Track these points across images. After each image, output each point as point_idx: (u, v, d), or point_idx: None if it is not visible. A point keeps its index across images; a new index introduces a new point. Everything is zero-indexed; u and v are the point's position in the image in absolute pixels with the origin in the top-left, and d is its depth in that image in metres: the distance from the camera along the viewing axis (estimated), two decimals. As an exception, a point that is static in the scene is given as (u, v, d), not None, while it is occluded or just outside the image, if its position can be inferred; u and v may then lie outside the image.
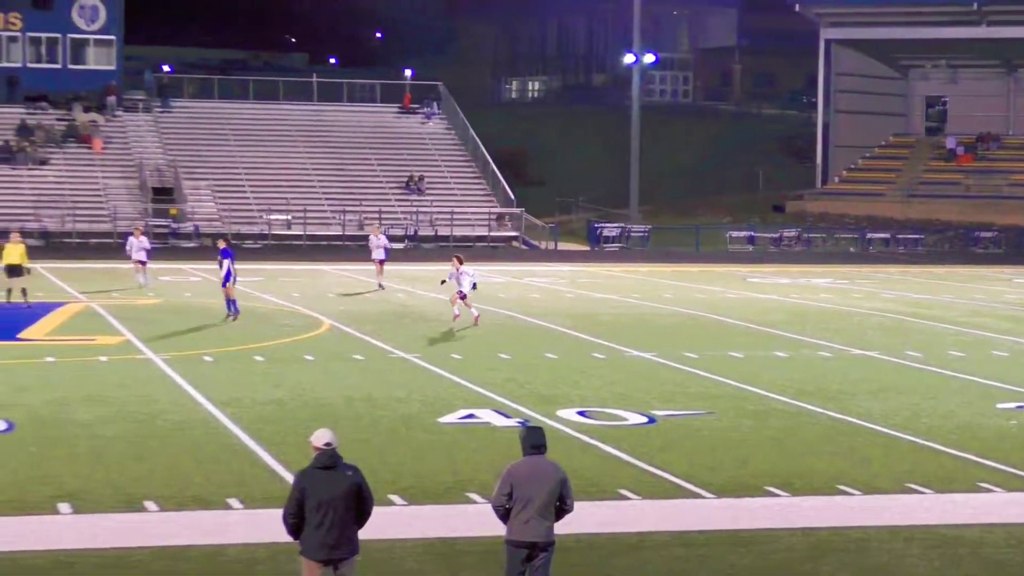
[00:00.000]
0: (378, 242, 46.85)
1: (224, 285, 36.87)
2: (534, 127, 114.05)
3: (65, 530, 16.38)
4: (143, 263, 45.44)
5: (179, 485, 18.39)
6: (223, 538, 16.16)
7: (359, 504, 12.32)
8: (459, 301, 36.14)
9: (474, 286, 36.52)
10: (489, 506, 13.08)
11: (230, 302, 37.01)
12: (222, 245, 37.86)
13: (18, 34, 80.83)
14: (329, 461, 12.25)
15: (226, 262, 36.61)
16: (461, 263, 36.42)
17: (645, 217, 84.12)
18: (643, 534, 16.69)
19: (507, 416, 23.69)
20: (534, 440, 12.91)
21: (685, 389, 27.33)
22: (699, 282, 53.27)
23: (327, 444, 12.28)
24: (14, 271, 38.32)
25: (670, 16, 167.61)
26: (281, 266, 56.86)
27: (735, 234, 76.86)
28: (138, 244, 45.62)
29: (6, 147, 74.00)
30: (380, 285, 46.45)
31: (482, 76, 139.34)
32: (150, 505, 17.37)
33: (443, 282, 37.71)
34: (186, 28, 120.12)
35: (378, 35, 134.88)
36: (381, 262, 46.61)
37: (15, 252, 38.63)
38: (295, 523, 12.27)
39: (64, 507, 17.20)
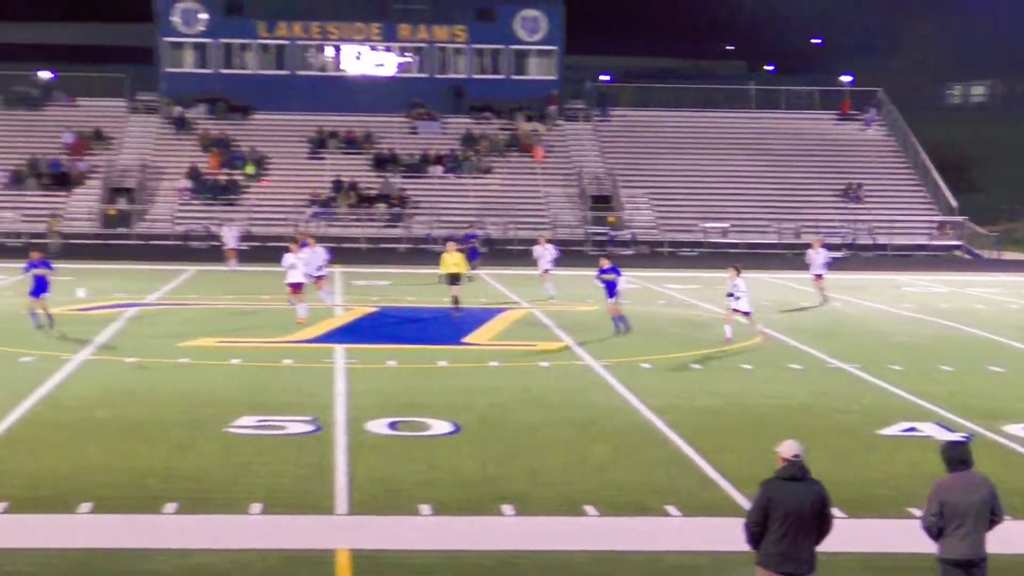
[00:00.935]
0: (544, 253, 44.84)
1: (610, 299, 35.57)
2: (976, 132, 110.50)
3: (509, 531, 16.81)
4: (547, 271, 45.44)
5: (617, 490, 18.62)
6: (661, 544, 16.28)
7: (821, 519, 12.18)
8: (740, 317, 34.14)
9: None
10: (921, 527, 12.73)
11: (617, 319, 35.66)
12: (606, 264, 35.92)
13: (463, 46, 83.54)
14: (797, 472, 12.13)
15: (612, 277, 35.29)
16: (738, 273, 34.01)
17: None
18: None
19: (950, 430, 23.01)
20: (962, 455, 12.53)
21: None
22: None
23: (795, 456, 12.16)
24: (454, 279, 39.35)
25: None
26: (717, 274, 56.80)
27: None
28: (545, 253, 45.31)
29: (452, 156, 76.62)
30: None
31: (922, 80, 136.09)
32: (589, 509, 17.65)
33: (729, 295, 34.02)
34: (625, 37, 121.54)
35: (816, 41, 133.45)
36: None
37: (451, 261, 39.56)
38: (758, 532, 12.16)
39: (507, 508, 17.66)
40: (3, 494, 17.73)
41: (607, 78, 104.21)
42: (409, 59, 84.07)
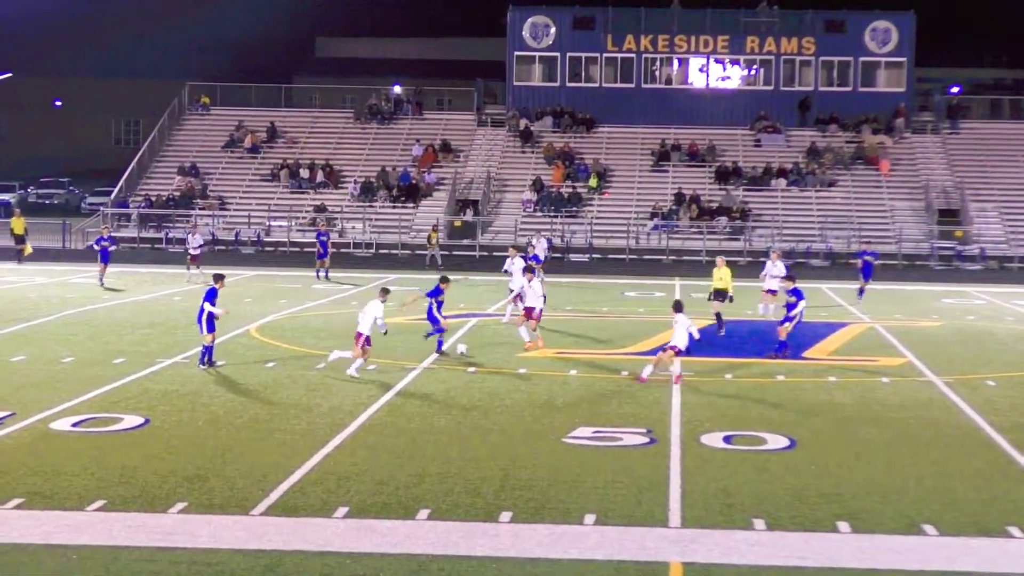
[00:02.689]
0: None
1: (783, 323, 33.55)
2: None
3: (845, 548, 16.61)
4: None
5: (957, 509, 18.22)
6: (1005, 566, 15.90)
7: None
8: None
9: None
10: None
11: (781, 345, 33.33)
12: (790, 286, 33.98)
13: (811, 58, 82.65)
14: None
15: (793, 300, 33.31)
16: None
17: None
18: None
19: None
20: None
21: None
22: None
23: None
24: (719, 295, 38.43)
25: None
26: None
27: None
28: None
29: (796, 168, 75.89)
30: None
31: None
32: (928, 528, 17.31)
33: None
34: (977, 48, 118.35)
35: None
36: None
37: (718, 276, 38.62)
38: None
39: (843, 525, 17.45)
40: (346, 500, 18.37)
41: (956, 90, 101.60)
42: (755, 71, 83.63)
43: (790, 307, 33.20)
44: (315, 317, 40.98)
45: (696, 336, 29.25)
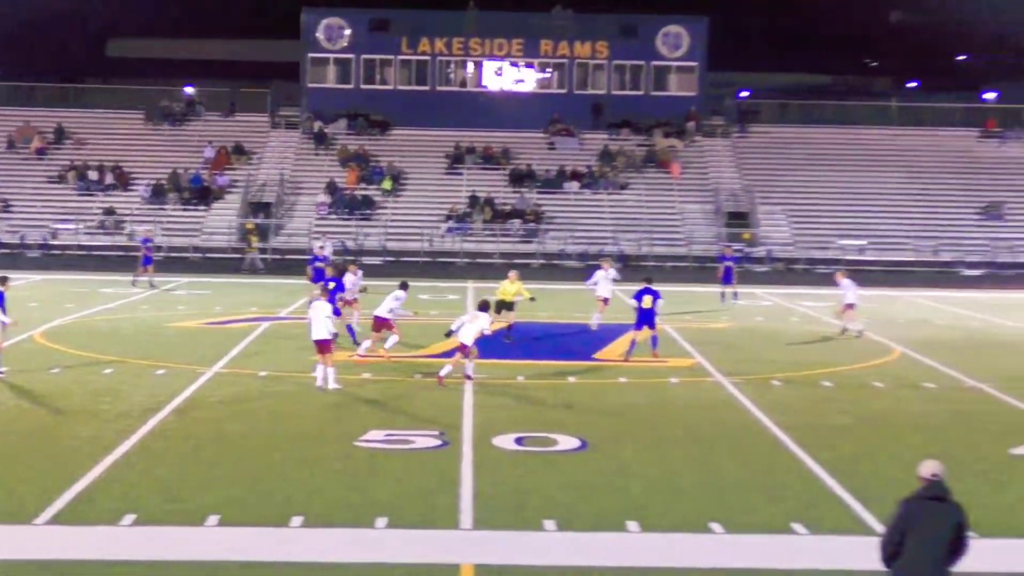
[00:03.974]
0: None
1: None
2: None
3: (634, 547, 16.75)
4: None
5: (744, 508, 18.51)
6: (790, 563, 16.16)
7: (957, 542, 12.08)
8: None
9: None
10: None
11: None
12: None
13: (604, 62, 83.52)
14: (938, 492, 12.11)
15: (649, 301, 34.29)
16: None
17: None
18: None
19: (1087, 452, 22.64)
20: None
21: None
22: None
23: (934, 476, 12.14)
24: (506, 307, 38.07)
25: None
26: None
27: None
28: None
29: (589, 172, 76.64)
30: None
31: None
32: (715, 527, 17.55)
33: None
34: (768, 54, 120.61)
35: (962, 57, 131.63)
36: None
37: (510, 289, 38.40)
38: (894, 551, 12.12)
39: (632, 524, 17.61)
40: (134, 507, 18.03)
41: (746, 94, 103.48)
42: (549, 75, 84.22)
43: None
44: (103, 321, 40.24)
45: (488, 331, 29.41)
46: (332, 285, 34.80)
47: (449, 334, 30.15)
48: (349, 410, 25.60)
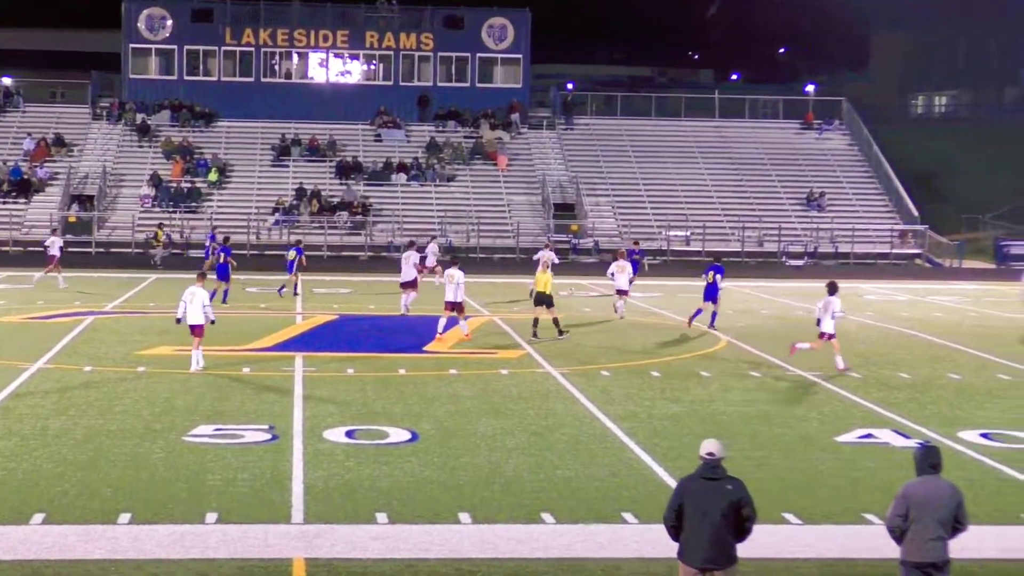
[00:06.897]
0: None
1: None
2: (940, 142, 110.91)
3: (466, 539, 16.76)
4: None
5: (575, 498, 18.61)
6: (619, 552, 16.26)
7: (737, 518, 12.32)
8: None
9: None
10: (886, 527, 12.80)
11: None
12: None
13: (430, 54, 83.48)
14: (711, 472, 12.37)
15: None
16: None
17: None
18: (1049, 565, 16.04)
19: (907, 436, 23.15)
20: (932, 459, 12.61)
21: (1098, 415, 26.11)
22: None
23: (709, 454, 12.43)
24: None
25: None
26: (680, 282, 57.01)
27: None
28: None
29: (416, 163, 76.55)
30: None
31: (888, 91, 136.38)
32: (547, 517, 17.62)
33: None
34: (593, 46, 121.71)
35: (783, 51, 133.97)
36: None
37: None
38: (674, 527, 12.52)
39: (464, 516, 17.62)
40: (-45, 503, 17.61)
41: (571, 86, 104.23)
42: (374, 67, 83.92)
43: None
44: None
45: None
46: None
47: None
48: (177, 405, 25.25)
